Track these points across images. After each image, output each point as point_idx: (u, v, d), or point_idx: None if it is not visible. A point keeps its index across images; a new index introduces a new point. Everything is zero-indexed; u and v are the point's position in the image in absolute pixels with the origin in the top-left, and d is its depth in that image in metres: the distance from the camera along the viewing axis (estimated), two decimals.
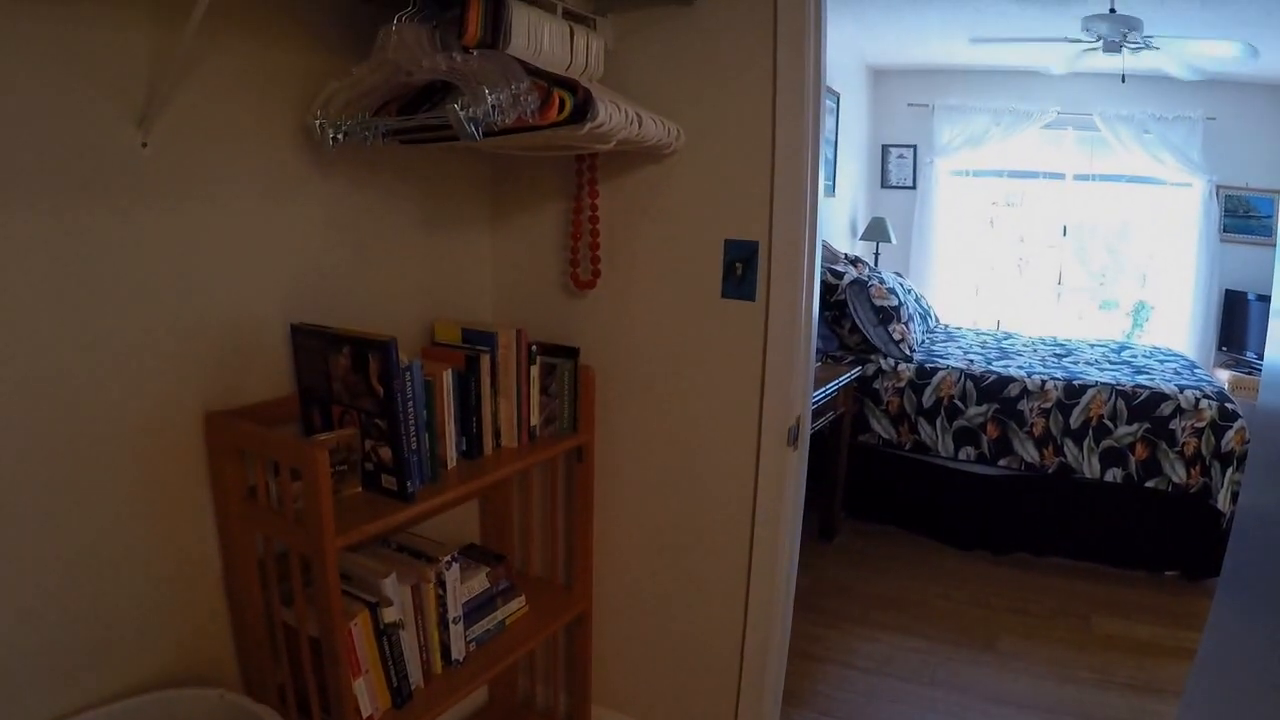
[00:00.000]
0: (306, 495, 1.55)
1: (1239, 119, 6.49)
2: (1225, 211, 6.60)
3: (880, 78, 7.24)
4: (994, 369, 4.75)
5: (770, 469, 2.25)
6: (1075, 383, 4.51)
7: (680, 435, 2.35)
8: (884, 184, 7.31)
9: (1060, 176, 7.08)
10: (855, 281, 5.02)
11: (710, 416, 2.30)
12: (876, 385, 4.82)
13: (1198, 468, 4.19)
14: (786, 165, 2.05)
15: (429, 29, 1.65)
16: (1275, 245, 6.51)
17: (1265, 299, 6.33)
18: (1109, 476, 4.35)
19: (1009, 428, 4.52)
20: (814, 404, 3.73)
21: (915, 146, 7.20)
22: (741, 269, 2.17)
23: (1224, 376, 6.13)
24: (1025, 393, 4.52)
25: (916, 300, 5.82)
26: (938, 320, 6.25)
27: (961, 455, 4.62)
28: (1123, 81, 5.93)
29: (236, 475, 1.75)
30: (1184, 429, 4.23)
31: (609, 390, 2.41)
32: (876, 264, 6.75)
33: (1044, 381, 4.54)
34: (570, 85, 1.69)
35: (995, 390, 4.57)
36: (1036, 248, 7.36)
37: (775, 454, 2.24)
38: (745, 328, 2.20)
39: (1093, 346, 5.72)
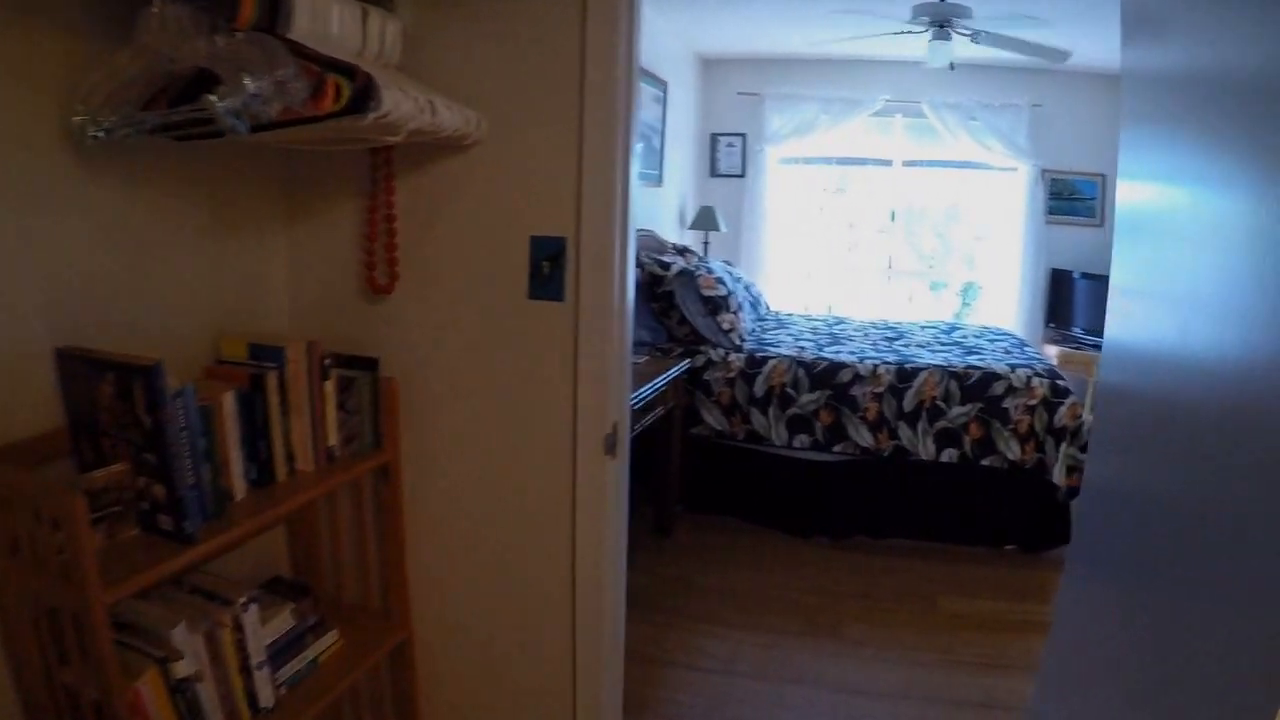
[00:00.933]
0: (67, 545, 1.38)
1: (1064, 105, 6.65)
2: (1051, 194, 6.71)
3: (710, 67, 7.07)
4: (825, 355, 4.59)
5: (588, 479, 2.13)
6: (907, 366, 4.38)
7: (493, 448, 2.20)
8: (713, 173, 7.13)
9: (889, 163, 7.06)
10: (683, 272, 4.78)
11: (523, 427, 2.16)
12: (707, 377, 4.58)
13: (1032, 444, 4.11)
14: (595, 154, 1.94)
15: (195, 9, 1.45)
16: (1101, 226, 6.67)
17: (1090, 277, 6.46)
18: (945, 457, 4.23)
19: (843, 414, 4.35)
20: (642, 400, 3.47)
21: (745, 135, 7.06)
22: (549, 267, 2.03)
23: (1053, 352, 6.19)
24: (858, 378, 4.36)
25: (746, 289, 5.64)
26: (769, 308, 6.09)
27: (796, 443, 4.43)
28: (951, 69, 5.92)
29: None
30: (1017, 407, 4.14)
31: (415, 403, 2.21)
32: (706, 253, 6.57)
33: (876, 366, 4.39)
34: (349, 71, 1.49)
35: (827, 377, 4.39)
36: (866, 233, 7.35)
37: (592, 463, 2.11)
38: (554, 331, 2.07)
39: (923, 329, 5.67)
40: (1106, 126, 6.59)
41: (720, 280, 4.92)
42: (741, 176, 6.99)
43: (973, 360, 4.49)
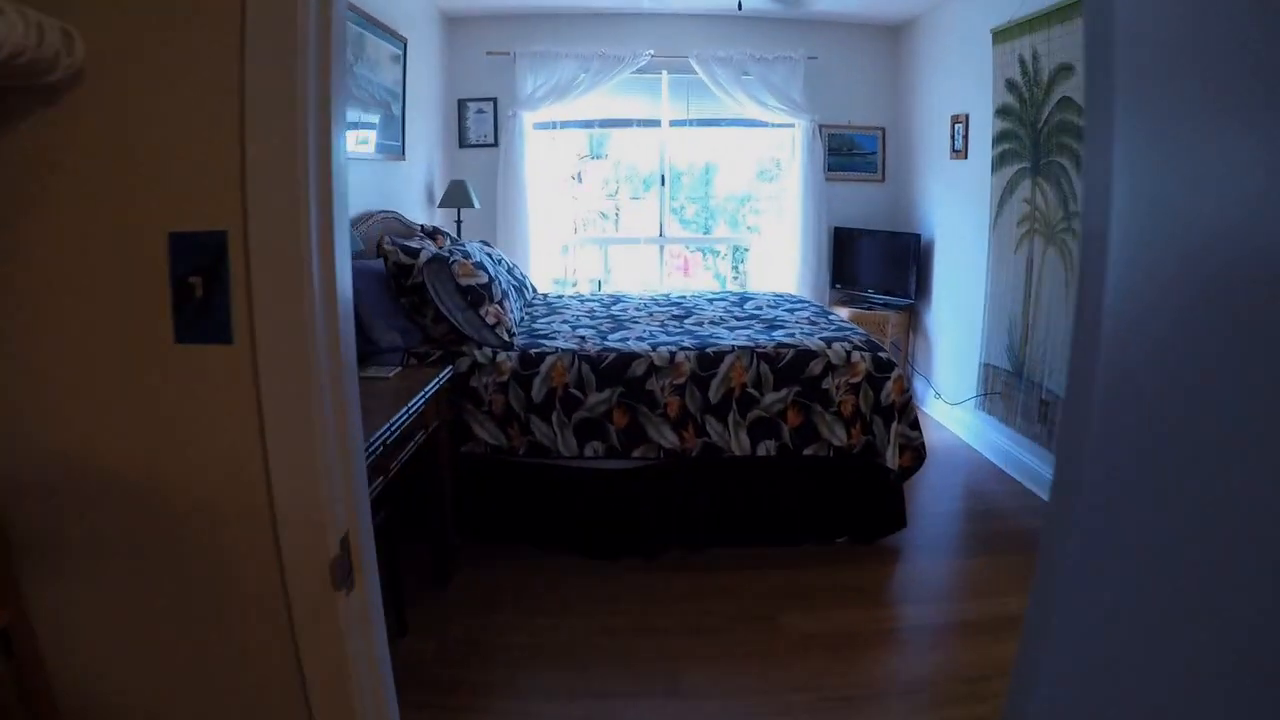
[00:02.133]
0: None
1: (840, 58, 6.31)
2: (830, 150, 6.28)
3: (455, 25, 6.18)
4: (611, 345, 3.86)
5: (315, 635, 1.39)
6: (709, 350, 3.72)
7: (163, 595, 1.42)
8: (463, 142, 6.25)
9: (656, 124, 6.42)
10: (434, 259, 3.91)
11: (184, 572, 1.40)
12: (475, 383, 3.76)
13: (858, 426, 3.56)
14: (268, 97, 1.24)
15: None
16: (883, 181, 6.33)
17: (872, 233, 6.09)
18: (761, 450, 3.63)
19: (639, 412, 3.64)
20: (398, 427, 2.67)
21: (496, 99, 6.22)
22: (203, 286, 1.30)
23: (844, 314, 5.79)
24: (653, 369, 3.66)
25: (510, 272, 4.84)
26: (536, 292, 5.31)
27: (588, 452, 3.69)
28: (739, 9, 5.36)
29: None
30: (839, 387, 3.59)
31: (30, 538, 1.40)
32: (460, 234, 5.73)
33: (673, 354, 3.71)
34: None
35: (617, 371, 3.67)
36: (633, 201, 6.70)
37: (317, 605, 1.37)
38: (220, 395, 1.33)
39: (712, 301, 5.07)
40: (885, 79, 6.24)
41: (480, 265, 4.10)
42: (494, 145, 6.14)
43: (780, 337, 3.91)
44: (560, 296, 5.23)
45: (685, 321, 4.40)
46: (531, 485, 3.85)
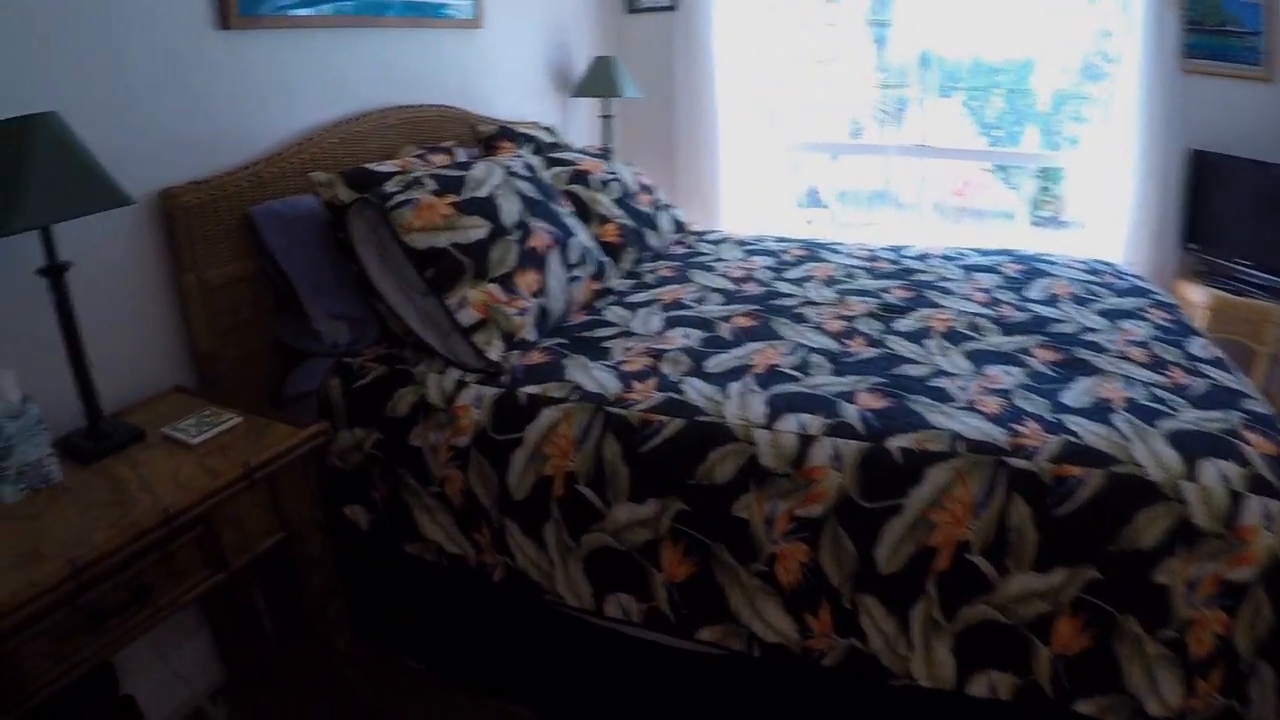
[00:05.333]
0: None
1: None
2: (1188, 25, 3.49)
3: None
4: (687, 393, 1.86)
5: None
6: (894, 445, 1.63)
7: None
8: (633, 5, 4.11)
9: None
10: (359, 201, 2.07)
11: None
12: (417, 440, 1.96)
13: (1216, 675, 1.44)
14: None
15: None
16: (1271, 81, 3.45)
17: (1256, 164, 3.32)
18: (980, 688, 1.58)
19: (715, 559, 1.74)
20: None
21: None
22: None
23: (1197, 297, 3.27)
24: (752, 473, 1.68)
25: (625, 201, 2.81)
26: (681, 229, 3.15)
27: (612, 609, 1.82)
28: None
29: None
30: (1193, 584, 1.44)
31: None
32: (610, 136, 3.73)
33: (805, 437, 1.69)
34: None
35: (677, 463, 1.75)
36: (882, 93, 4.25)
37: None
38: None
39: (971, 272, 2.61)
40: None
41: (482, 204, 2.17)
42: (671, 9, 3.96)
43: (1076, 412, 1.69)
44: (719, 242, 3.04)
45: (898, 322, 2.19)
46: (522, 625, 2.04)
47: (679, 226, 3.07)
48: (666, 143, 4.06)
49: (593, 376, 1.90)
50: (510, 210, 2.18)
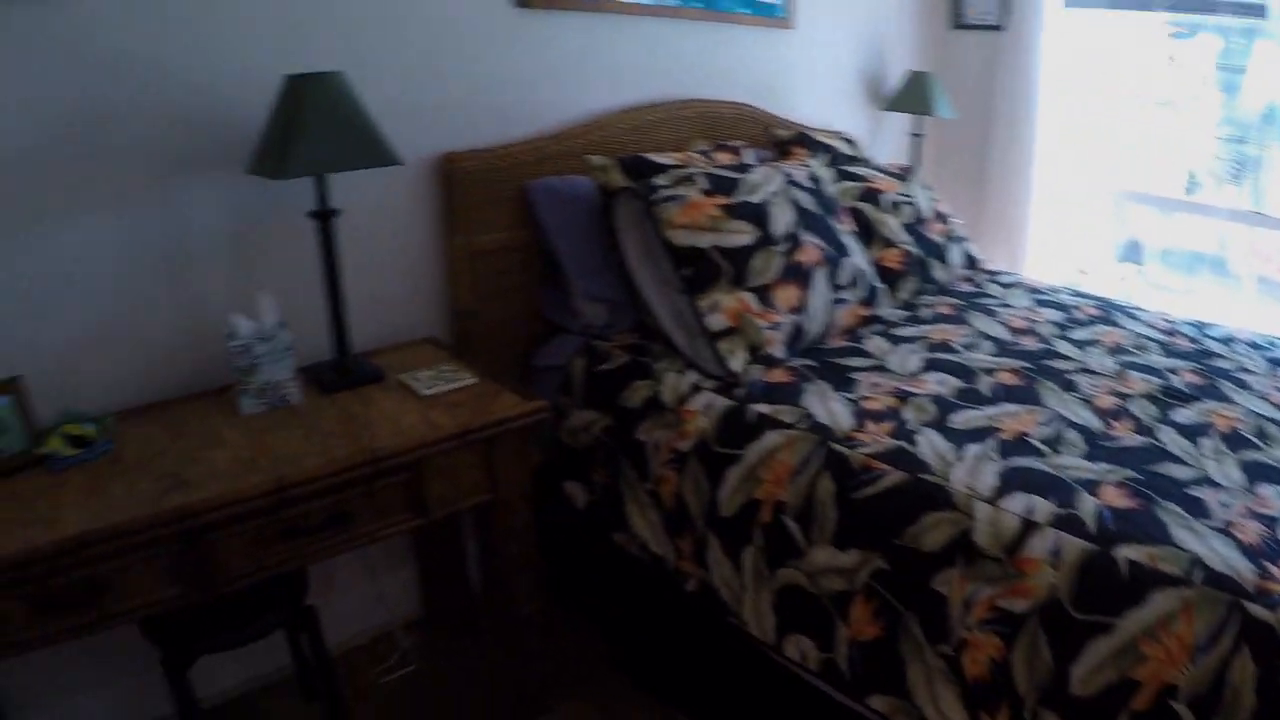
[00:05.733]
0: None
1: None
2: None
3: None
4: (919, 444, 1.75)
5: None
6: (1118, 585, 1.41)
7: None
8: (958, 21, 3.87)
9: (1261, 10, 3.35)
10: (625, 190, 2.13)
11: None
12: (642, 435, 1.99)
13: None
14: None
15: None
16: None
17: None
18: None
19: (904, 629, 1.61)
20: None
21: None
22: None
23: None
24: (961, 548, 1.54)
25: (915, 228, 2.66)
26: (973, 265, 2.92)
27: (791, 650, 1.75)
28: None
29: None
30: None
31: None
32: (920, 153, 3.55)
33: (1027, 524, 1.50)
34: None
35: (884, 517, 1.66)
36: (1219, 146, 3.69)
37: None
38: None
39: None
40: None
41: (754, 209, 2.14)
42: (997, 29, 3.70)
43: None
44: (1011, 285, 2.80)
45: (1178, 411, 1.89)
46: (703, 639, 2.03)
47: (971, 262, 2.87)
48: (977, 170, 3.80)
49: (828, 407, 1.84)
50: (782, 220, 2.15)
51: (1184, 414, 1.87)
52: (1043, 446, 1.70)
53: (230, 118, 1.80)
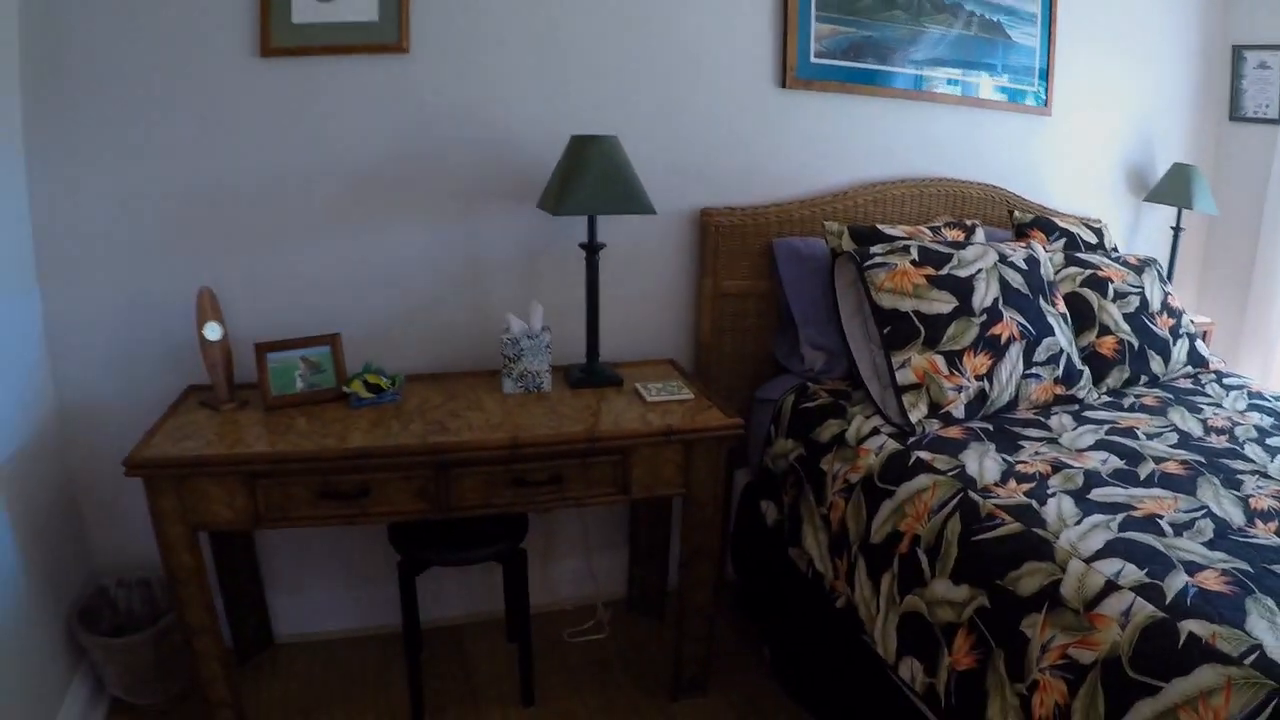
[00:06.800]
0: None
1: None
2: None
3: None
4: (1046, 506, 1.88)
5: None
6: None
7: None
8: (1235, 113, 3.70)
9: None
10: (844, 255, 2.43)
11: None
12: (826, 465, 2.30)
13: None
14: None
15: None
16: None
17: None
18: None
19: (992, 666, 1.75)
20: None
21: None
22: None
23: None
24: (1054, 594, 1.68)
25: (1140, 319, 2.68)
26: (1201, 363, 2.84)
27: (904, 672, 1.97)
28: None
29: None
30: None
31: None
32: (1176, 242, 3.44)
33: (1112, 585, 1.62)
34: None
35: (989, 559, 1.82)
36: None
37: None
38: None
39: None
40: None
41: (959, 283, 2.36)
42: (1275, 123, 3.51)
43: None
44: (1235, 388, 2.67)
45: None
46: (841, 660, 2.25)
47: (1198, 360, 2.82)
48: (1244, 270, 3.59)
49: (982, 463, 2.03)
50: (984, 295, 2.34)
51: None
52: (1168, 528, 1.77)
53: (525, 163, 2.39)
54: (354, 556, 2.55)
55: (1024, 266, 2.48)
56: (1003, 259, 2.45)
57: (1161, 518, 1.81)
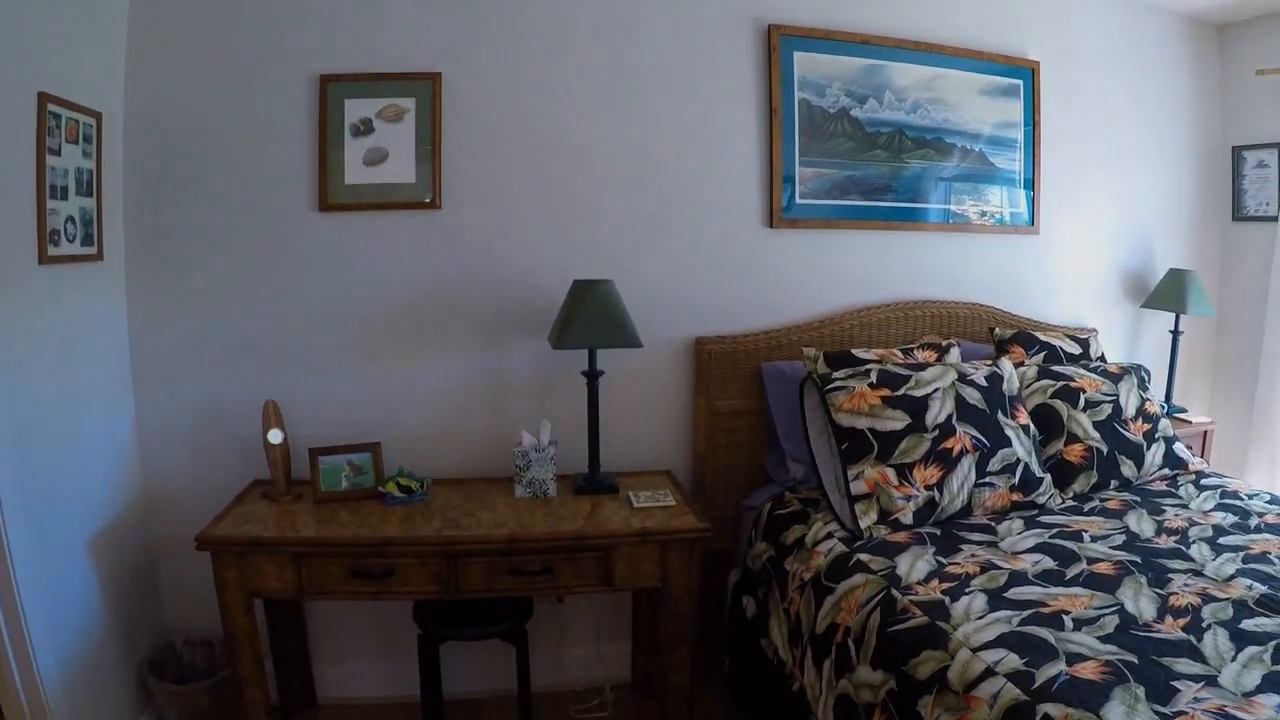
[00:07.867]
0: None
1: None
2: None
3: (1203, 33, 3.79)
4: (930, 595, 2.15)
5: None
6: None
7: None
8: (1237, 213, 3.86)
9: None
10: (807, 379, 2.79)
11: None
12: (789, 564, 2.64)
13: None
14: None
15: None
16: None
17: None
18: None
19: None
20: None
21: None
22: None
23: None
24: (945, 685, 1.95)
25: (1116, 424, 2.91)
26: (1174, 471, 3.01)
27: None
28: None
29: None
30: None
31: None
32: (1175, 346, 3.62)
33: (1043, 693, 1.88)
34: None
35: (899, 647, 2.09)
36: None
37: None
38: None
39: None
40: None
41: (914, 402, 2.68)
42: (1275, 220, 3.71)
43: None
44: (1210, 488, 2.85)
45: (1255, 619, 2.00)
46: None
47: (1176, 462, 3.02)
48: (1250, 369, 3.72)
49: (914, 564, 2.32)
50: (938, 412, 2.64)
51: (1259, 622, 1.96)
52: (1070, 623, 1.98)
53: (539, 302, 2.85)
54: (389, 633, 2.95)
55: (984, 384, 2.77)
56: (962, 378, 2.75)
57: (1068, 614, 2.02)
